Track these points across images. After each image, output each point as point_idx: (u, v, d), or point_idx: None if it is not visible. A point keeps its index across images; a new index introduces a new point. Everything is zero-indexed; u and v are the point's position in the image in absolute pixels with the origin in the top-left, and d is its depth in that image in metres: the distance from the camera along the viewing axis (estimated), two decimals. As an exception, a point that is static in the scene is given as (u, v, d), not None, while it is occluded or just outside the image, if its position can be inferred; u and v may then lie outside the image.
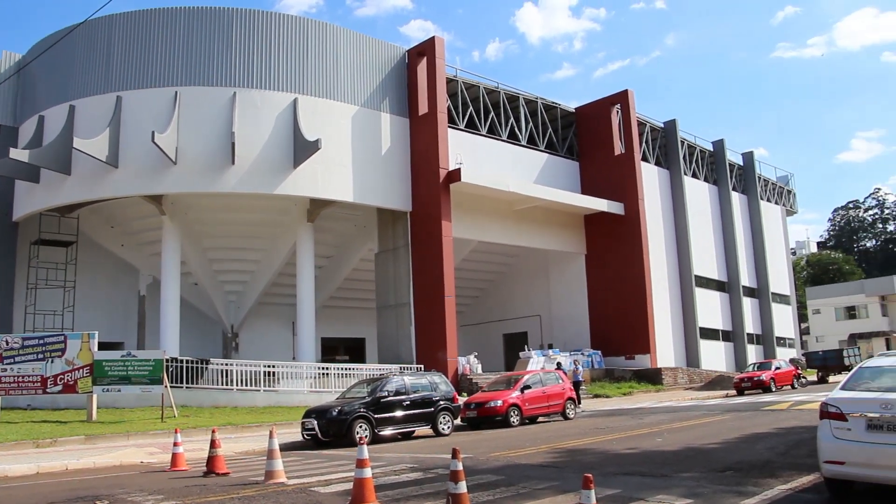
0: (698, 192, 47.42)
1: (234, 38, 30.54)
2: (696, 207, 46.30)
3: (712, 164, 50.52)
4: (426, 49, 34.48)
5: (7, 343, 23.30)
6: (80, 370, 22.94)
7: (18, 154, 28.95)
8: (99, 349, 23.54)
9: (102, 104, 30.07)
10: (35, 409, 24.63)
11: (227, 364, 27.90)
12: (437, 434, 19.63)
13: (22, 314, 33.01)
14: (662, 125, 46.27)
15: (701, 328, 43.84)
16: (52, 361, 22.97)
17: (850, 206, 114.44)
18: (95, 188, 30.04)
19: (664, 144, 46.28)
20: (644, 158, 43.22)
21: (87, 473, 14.16)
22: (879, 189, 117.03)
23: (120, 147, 29.38)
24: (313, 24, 32.35)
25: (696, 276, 44.28)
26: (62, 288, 33.65)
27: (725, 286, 48.23)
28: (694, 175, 47.80)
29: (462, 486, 7.84)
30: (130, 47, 30.62)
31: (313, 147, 29.01)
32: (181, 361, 26.66)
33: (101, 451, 17.21)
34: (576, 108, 43.46)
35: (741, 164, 53.73)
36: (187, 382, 26.27)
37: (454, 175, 32.95)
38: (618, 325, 39.46)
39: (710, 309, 45.93)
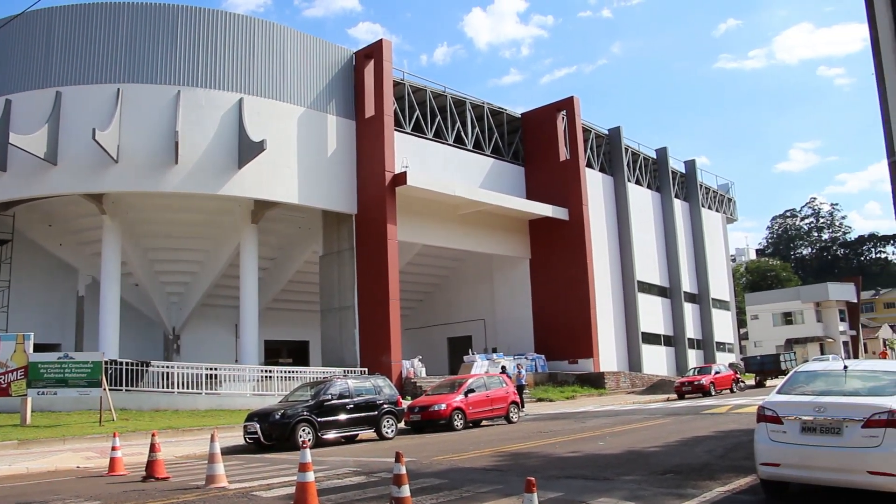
0: (641, 199, 48.17)
1: (180, 36, 30.10)
2: (640, 214, 47.02)
3: (655, 172, 51.37)
4: (373, 51, 34.41)
5: (-63, 344, 22.58)
6: (14, 372, 22.34)
7: (-50, 149, 28.13)
8: (34, 351, 22.94)
9: (41, 99, 29.36)
10: (-34, 413, 23.91)
11: (167, 367, 27.44)
12: (381, 438, 19.59)
13: (-47, 314, 32.06)
14: (607, 132, 46.87)
15: (643, 333, 44.51)
16: (-16, 363, 22.32)
17: (788, 214, 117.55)
18: (33, 185, 29.29)
19: (608, 151, 46.88)
20: (589, 165, 43.73)
21: (20, 480, 13.80)
22: (815, 199, 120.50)
23: (59, 144, 28.71)
24: (260, 23, 32.07)
25: (638, 282, 44.94)
26: (-4, 288, 32.77)
27: (667, 292, 49.06)
28: (637, 182, 48.53)
29: (405, 490, 7.84)
30: (71, 41, 29.96)
31: (258, 148, 28.74)
32: (121, 364, 26.12)
33: (35, 456, 16.80)
34: (522, 114, 43.78)
35: (683, 171, 54.76)
36: (127, 385, 25.74)
37: (400, 178, 32.93)
38: (561, 329, 39.81)
39: (653, 314, 46.66)
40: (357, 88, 34.64)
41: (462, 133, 39.29)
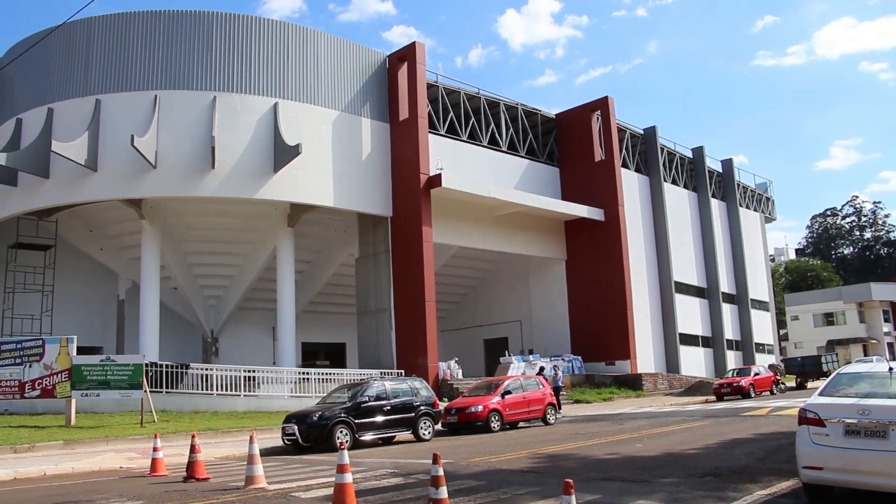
0: (678, 199, 47.74)
1: (215, 42, 30.44)
2: (676, 214, 46.61)
3: (692, 171, 50.90)
4: (407, 54, 34.51)
5: (-16, 348, 23.09)
6: (59, 375, 22.76)
7: (-5, 157, 28.70)
8: (77, 353, 23.37)
9: (81, 107, 29.88)
10: (12, 415, 24.38)
11: (207, 369, 27.76)
12: (418, 439, 19.62)
13: (-1, 318, 32.75)
14: (642, 132, 46.54)
15: (681, 334, 44.11)
16: (29, 366, 22.79)
17: (828, 213, 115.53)
18: (74, 192, 29.82)
19: (644, 151, 46.55)
20: (624, 165, 43.45)
21: (66, 479, 14.04)
22: (857, 197, 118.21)
23: (99, 150, 29.19)
24: (294, 28, 32.31)
25: (675, 283, 44.54)
26: (40, 292, 33.42)
27: (705, 292, 48.56)
28: (674, 182, 48.13)
29: (443, 492, 7.85)
30: (110, 50, 30.44)
31: (293, 152, 28.95)
32: (161, 366, 26.50)
33: (79, 456, 17.08)
34: (556, 115, 43.63)
35: (720, 171, 54.18)
36: (167, 387, 26.11)
37: (434, 180, 32.98)
38: (598, 330, 39.59)
39: (690, 315, 46.22)
40: (391, 91, 34.77)
41: (496, 134, 39.25)
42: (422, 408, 20.03)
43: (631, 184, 43.52)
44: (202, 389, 26.77)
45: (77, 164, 28.56)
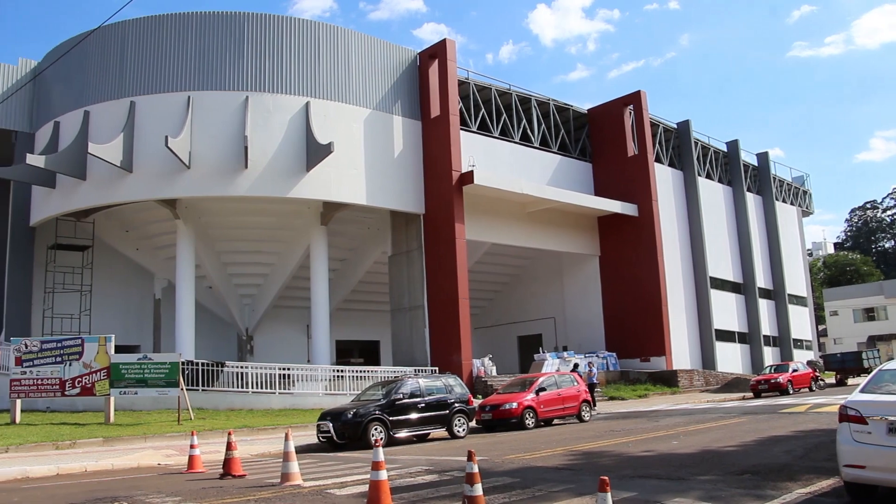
0: (712, 193, 47.23)
1: (247, 43, 30.65)
2: (711, 208, 46.11)
3: (726, 165, 50.33)
4: (438, 51, 34.51)
5: (26, 347, 23.51)
6: (98, 373, 23.08)
7: (34, 160, 29.18)
8: (115, 352, 23.67)
9: (116, 109, 30.26)
10: (54, 412, 24.80)
11: (242, 367, 27.99)
12: (453, 436, 19.62)
13: (40, 318, 33.28)
14: (676, 126, 46.11)
15: (716, 330, 43.65)
16: (70, 364, 23.15)
17: (868, 206, 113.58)
18: (110, 193, 30.22)
19: (678, 145, 46.13)
20: (657, 159, 43.09)
21: (106, 475, 14.24)
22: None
23: (134, 152, 29.54)
24: (325, 27, 32.43)
25: (710, 278, 44.09)
26: (79, 292, 33.93)
27: (741, 287, 48.00)
28: (708, 176, 47.63)
29: (478, 489, 7.83)
30: (143, 53, 30.79)
31: (326, 150, 29.07)
32: (197, 364, 26.77)
33: (119, 452, 17.32)
34: (588, 110, 43.37)
35: (756, 164, 53.49)
36: (203, 385, 26.37)
37: (467, 177, 32.94)
38: (633, 327, 39.34)
39: (726, 310, 45.73)
40: (422, 89, 34.79)
41: (528, 130, 39.11)
42: (456, 405, 20.03)
43: (665, 179, 43.15)
44: (238, 387, 27.00)
45: (113, 166, 28.93)
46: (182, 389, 23.32)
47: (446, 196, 32.97)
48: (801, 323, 53.56)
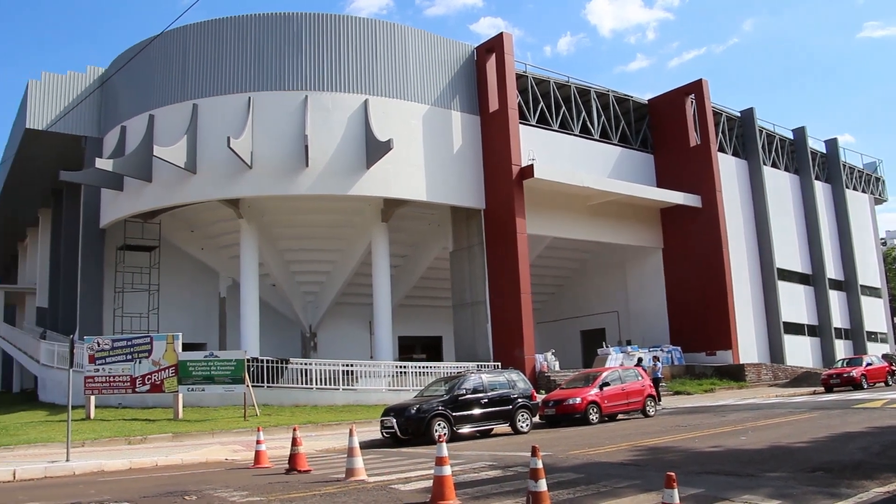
0: (779, 182, 46.12)
1: (304, 43, 30.96)
2: (777, 198, 45.04)
3: (793, 153, 49.08)
4: (495, 45, 34.37)
5: (98, 345, 24.23)
6: (166, 370, 23.63)
7: (103, 164, 29.97)
8: (183, 350, 24.20)
9: (180, 112, 30.87)
10: (125, 408, 25.45)
11: (306, 363, 28.30)
12: (516, 432, 19.54)
13: (111, 317, 34.25)
14: (739, 114, 45.16)
15: (785, 323, 42.65)
16: (139, 362, 23.77)
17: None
18: (175, 194, 30.86)
19: (742, 134, 45.18)
20: (721, 149, 42.26)
21: (176, 469, 14.55)
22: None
23: (197, 153, 30.10)
24: (381, 24, 32.58)
25: (778, 269, 43.08)
26: (147, 291, 34.80)
27: (810, 279, 46.80)
28: (774, 165, 46.53)
29: (542, 485, 7.76)
30: (204, 56, 31.35)
31: (385, 147, 29.20)
32: (261, 361, 27.16)
33: (187, 448, 17.68)
34: (649, 100, 42.74)
35: (824, 151, 52.06)
36: (268, 382, 26.75)
37: (527, 171, 32.76)
38: (698, 320, 38.67)
39: (795, 303, 44.63)
40: (480, 83, 34.70)
41: (588, 122, 38.72)
42: (519, 400, 19.93)
43: (728, 168, 42.30)
44: (302, 383, 27.32)
45: (177, 167, 29.54)
46: (247, 386, 23.71)
47: (507, 191, 32.85)
48: (875, 315, 51.90)
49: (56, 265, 40.39)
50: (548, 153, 35.22)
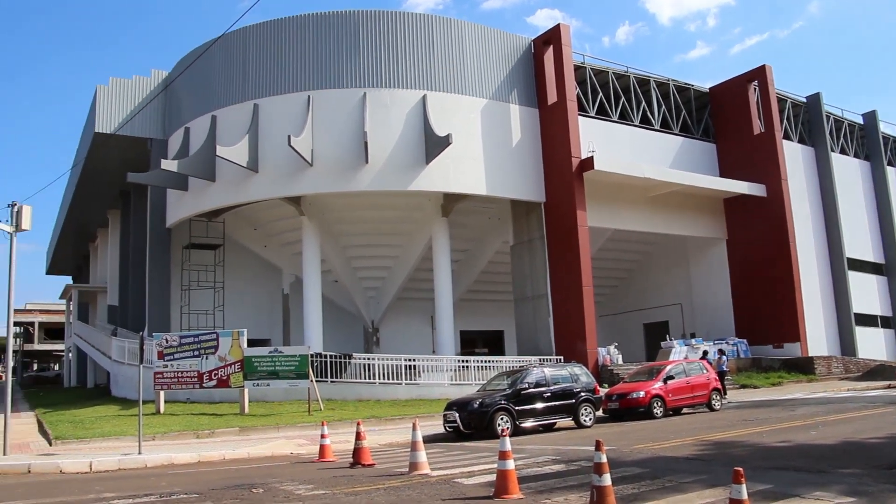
0: (848, 169, 44.84)
1: (362, 40, 31.16)
2: (846, 185, 43.78)
3: (863, 139, 47.66)
4: (552, 37, 34.12)
5: (167, 342, 24.80)
6: (232, 366, 24.06)
7: (168, 165, 30.61)
8: (248, 346, 24.60)
9: (241, 112, 31.36)
10: (193, 403, 25.99)
11: (369, 358, 28.54)
12: (579, 426, 19.42)
13: (178, 314, 35.06)
14: (805, 100, 44.04)
15: (856, 314, 41.48)
16: (206, 358, 24.25)
17: None
18: (238, 193, 31.38)
19: (808, 120, 44.06)
20: (786, 136, 41.27)
21: (242, 463, 14.82)
22: None
23: (259, 152, 30.55)
24: (438, 20, 32.61)
25: (848, 259, 41.91)
26: (212, 288, 35.51)
27: (883, 268, 45.40)
28: (842, 151, 45.24)
29: (606, 479, 7.70)
30: (264, 56, 31.78)
31: (444, 142, 29.23)
32: (325, 356, 27.47)
33: (253, 442, 17.99)
34: (710, 88, 41.94)
35: (896, 136, 50.43)
36: (331, 377, 27.06)
37: (587, 163, 32.48)
38: (764, 312, 37.88)
39: (866, 293, 43.35)
40: (538, 76, 34.50)
41: (648, 113, 38.19)
42: (582, 394, 19.82)
43: (794, 156, 41.29)
44: (365, 378, 27.57)
45: (240, 167, 30.03)
46: (312, 381, 24.00)
47: (567, 183, 32.62)
48: (950, 304, 50.10)
49: (125, 264, 41.45)
50: (607, 145, 34.85)
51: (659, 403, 21.06)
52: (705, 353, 30.56)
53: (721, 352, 30.47)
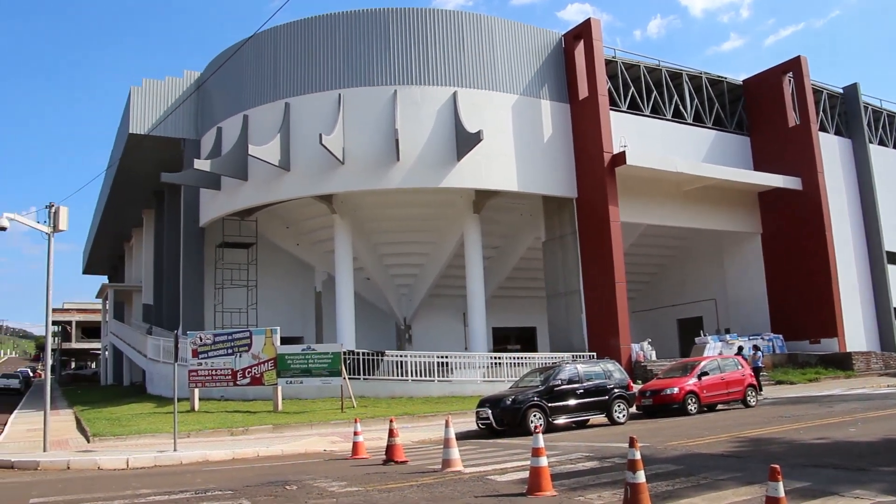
0: (887, 161, 43.97)
1: (392, 38, 31.19)
2: (885, 177, 42.93)
3: (901, 130, 46.82)
4: (583, 32, 33.91)
5: (201, 340, 25.05)
6: (265, 363, 24.23)
7: (201, 164, 30.88)
8: (281, 344, 24.76)
9: (273, 111, 31.54)
10: (227, 400, 26.23)
11: (401, 356, 28.59)
12: (612, 422, 19.30)
13: (212, 313, 35.38)
14: (842, 91, 43.34)
15: None
16: (240, 356, 24.46)
17: None
18: (270, 191, 31.58)
19: (844, 112, 43.36)
20: (822, 128, 40.63)
21: (276, 460, 14.92)
22: None
23: (290, 151, 30.71)
24: (468, 16, 32.53)
25: (887, 252, 41.14)
26: (245, 287, 35.79)
27: (923, 262, 44.57)
28: (881, 142, 44.44)
29: (640, 476, 7.63)
30: (295, 55, 31.93)
31: (475, 139, 29.17)
32: (357, 354, 27.58)
33: (287, 439, 18.10)
34: (744, 81, 41.42)
35: (936, 127, 49.46)
36: (364, 374, 27.15)
37: (619, 158, 32.24)
38: (800, 307, 37.36)
39: (905, 287, 42.58)
40: (569, 71, 34.31)
41: (680, 106, 37.82)
42: (615, 390, 19.69)
43: (830, 148, 40.65)
44: (397, 375, 27.62)
45: (272, 166, 30.22)
46: (344, 378, 24.10)
47: (599, 178, 32.42)
48: None
49: (160, 263, 41.93)
50: (640, 139, 34.57)
51: (693, 400, 20.87)
52: (740, 348, 30.22)
53: (756, 347, 30.10)
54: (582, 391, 19.11)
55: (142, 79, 35.30)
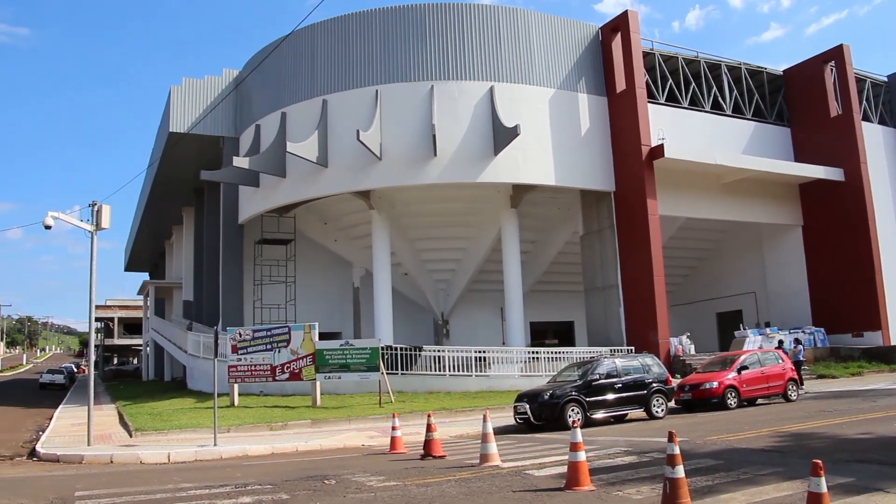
0: (932, 151, 43.12)
1: (429, 33, 31.21)
2: (930, 168, 42.12)
3: (947, 119, 45.81)
4: (620, 24, 33.64)
5: (240, 336, 25.35)
6: (304, 359, 24.44)
7: (240, 162, 31.22)
8: (319, 339, 24.96)
9: (310, 108, 31.75)
10: (266, 396, 26.50)
11: (439, 350, 28.68)
12: (651, 417, 19.19)
13: (251, 309, 35.76)
14: (886, 79, 42.51)
15: (941, 300, 39.93)
16: (279, 351, 24.70)
17: None
18: (308, 188, 31.81)
19: (889, 100, 42.52)
20: (865, 118, 39.89)
21: (315, 455, 15.06)
22: None
23: (328, 147, 30.90)
24: (504, 10, 32.45)
25: (932, 244, 40.35)
26: (284, 283, 36.11)
27: (969, 253, 43.58)
28: (926, 132, 43.57)
29: (679, 471, 7.59)
30: (332, 52, 32.09)
31: (512, 133, 29.10)
32: (395, 349, 27.71)
33: (325, 434, 18.26)
34: (784, 71, 40.80)
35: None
36: (402, 369, 27.27)
37: (657, 151, 31.96)
38: (842, 300, 36.75)
39: (952, 279, 41.69)
40: (606, 64, 34.07)
41: (719, 98, 37.38)
42: (654, 385, 19.57)
43: (874, 138, 39.88)
44: (435, 370, 27.71)
45: (310, 162, 30.43)
46: (382, 373, 24.23)
47: (637, 172, 32.17)
48: None
49: (199, 260, 42.46)
50: (678, 131, 34.23)
51: (733, 394, 20.68)
52: (781, 342, 29.87)
53: (797, 341, 29.72)
54: (620, 386, 19.03)
55: (182, 78, 35.67)
